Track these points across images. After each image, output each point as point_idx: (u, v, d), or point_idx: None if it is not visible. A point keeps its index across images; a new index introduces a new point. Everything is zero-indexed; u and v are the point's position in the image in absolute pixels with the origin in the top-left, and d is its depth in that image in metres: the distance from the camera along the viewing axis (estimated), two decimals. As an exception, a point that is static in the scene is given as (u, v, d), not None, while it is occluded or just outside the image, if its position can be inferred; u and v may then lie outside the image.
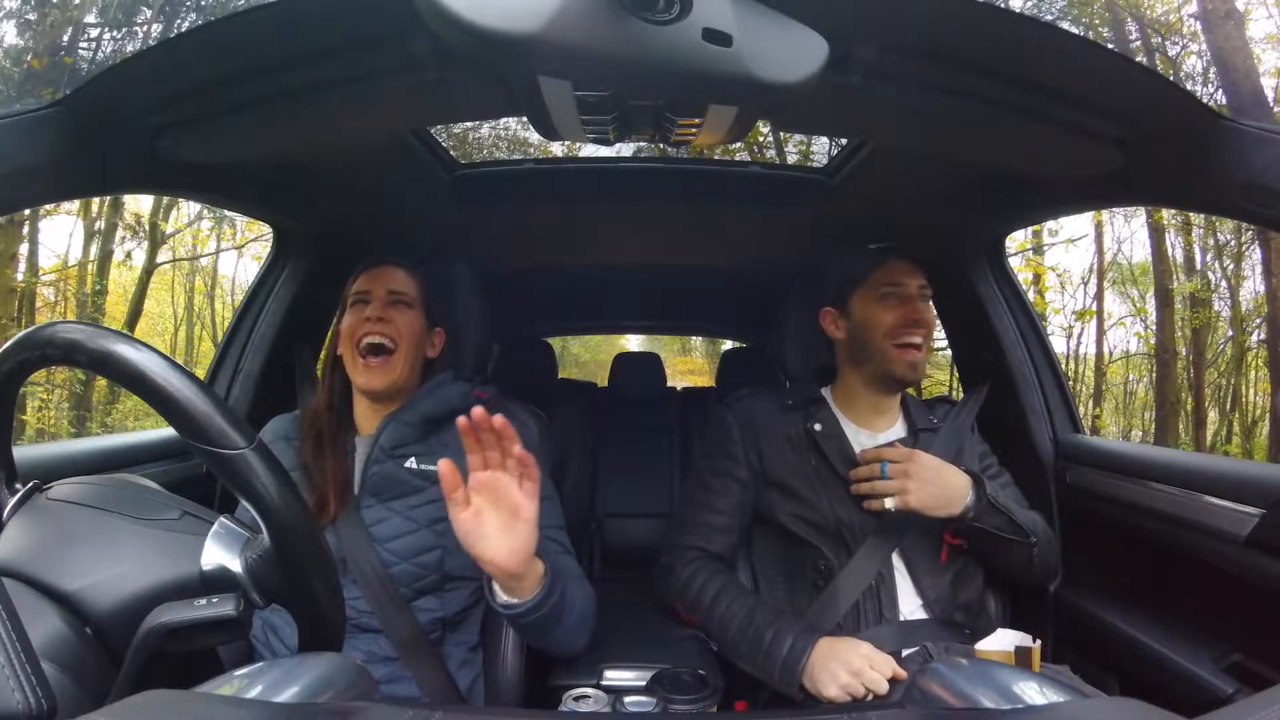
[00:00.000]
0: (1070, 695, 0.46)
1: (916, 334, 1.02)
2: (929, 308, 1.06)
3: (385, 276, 1.01)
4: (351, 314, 0.99)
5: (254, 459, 0.50)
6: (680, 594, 1.02)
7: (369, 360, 0.96)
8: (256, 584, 0.55)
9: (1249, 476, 0.92)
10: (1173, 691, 0.94)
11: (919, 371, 1.04)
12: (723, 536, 1.06)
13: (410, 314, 1.00)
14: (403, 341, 0.97)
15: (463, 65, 0.70)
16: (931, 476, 0.94)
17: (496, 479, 0.72)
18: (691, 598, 1.00)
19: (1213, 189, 0.77)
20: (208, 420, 0.49)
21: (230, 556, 0.55)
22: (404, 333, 0.97)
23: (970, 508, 0.94)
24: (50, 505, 0.57)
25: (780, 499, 1.04)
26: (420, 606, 0.93)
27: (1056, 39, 0.68)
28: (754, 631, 0.92)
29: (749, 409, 1.12)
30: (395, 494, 0.95)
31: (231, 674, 0.45)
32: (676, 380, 5.11)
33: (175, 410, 0.49)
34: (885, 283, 1.04)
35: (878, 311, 1.04)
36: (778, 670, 0.88)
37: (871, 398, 1.09)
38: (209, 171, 0.98)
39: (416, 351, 1.00)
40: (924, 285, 1.05)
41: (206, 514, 0.59)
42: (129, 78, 0.74)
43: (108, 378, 0.51)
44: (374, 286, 1.00)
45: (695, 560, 1.04)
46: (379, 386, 0.96)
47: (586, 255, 1.76)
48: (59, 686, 0.44)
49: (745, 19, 0.55)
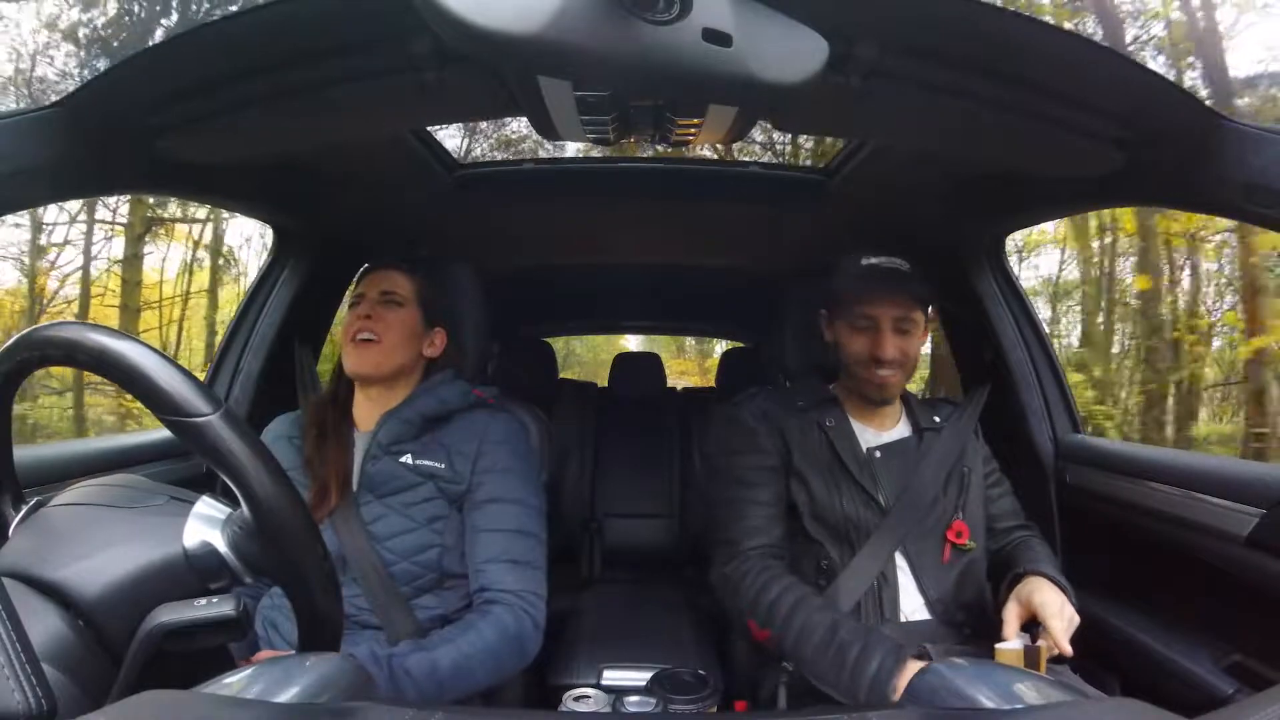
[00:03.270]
0: (1071, 696, 0.46)
1: (884, 368, 1.02)
2: (910, 338, 1.02)
3: (380, 279, 1.04)
4: (350, 313, 1.03)
5: (221, 425, 0.49)
6: (752, 608, 0.95)
7: (359, 344, 0.99)
8: (241, 558, 0.55)
9: (1249, 476, 0.92)
10: (1173, 691, 0.94)
11: (888, 392, 1.04)
12: (777, 527, 1.03)
13: (400, 311, 1.02)
14: (387, 334, 0.99)
15: (463, 65, 0.70)
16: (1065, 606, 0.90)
17: None
18: (765, 611, 0.94)
19: (1213, 189, 0.77)
20: (171, 388, 0.49)
21: (213, 533, 0.55)
22: (390, 325, 1.00)
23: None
24: (46, 512, 0.57)
25: (799, 489, 1.04)
26: (419, 605, 0.93)
27: (1057, 39, 0.68)
28: (837, 649, 0.85)
29: (763, 405, 1.12)
30: (392, 489, 0.95)
31: (231, 674, 0.44)
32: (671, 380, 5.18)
33: (139, 382, 0.49)
34: (860, 314, 1.03)
35: (849, 338, 1.05)
36: (864, 690, 0.82)
37: (865, 402, 1.09)
38: (209, 171, 0.98)
39: (403, 345, 1.01)
40: (902, 317, 1.02)
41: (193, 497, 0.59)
42: (129, 78, 0.74)
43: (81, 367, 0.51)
44: (368, 289, 1.03)
45: (762, 567, 0.99)
46: (363, 371, 0.99)
47: (587, 255, 1.76)
48: (59, 686, 0.44)
49: (745, 19, 0.55)
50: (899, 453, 1.06)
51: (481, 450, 0.99)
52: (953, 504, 1.03)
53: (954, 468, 1.05)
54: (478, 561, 0.93)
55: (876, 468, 1.03)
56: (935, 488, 1.03)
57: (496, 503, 0.96)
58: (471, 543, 0.95)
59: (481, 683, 0.86)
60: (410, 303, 1.03)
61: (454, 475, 0.97)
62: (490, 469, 0.98)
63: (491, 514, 0.96)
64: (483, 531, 0.95)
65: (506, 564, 0.93)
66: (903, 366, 1.03)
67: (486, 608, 0.90)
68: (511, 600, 0.91)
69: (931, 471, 1.04)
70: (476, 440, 0.99)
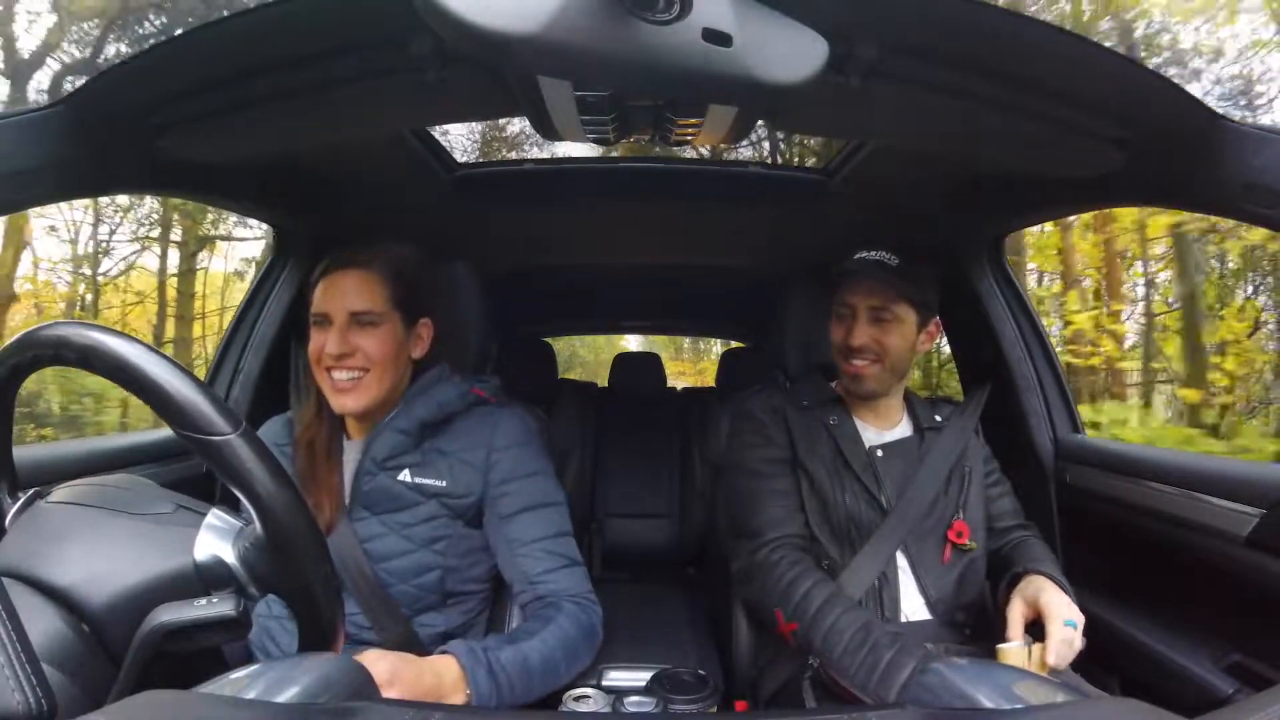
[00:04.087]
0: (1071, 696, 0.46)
1: (855, 356, 1.03)
2: (888, 328, 1.03)
3: (342, 290, 0.89)
4: (314, 335, 0.90)
5: (241, 445, 0.49)
6: (781, 600, 0.94)
7: (339, 383, 0.89)
8: (250, 574, 0.55)
9: (1249, 476, 0.92)
10: (1173, 691, 0.94)
11: (862, 386, 1.05)
12: (799, 516, 1.03)
13: (378, 331, 0.89)
14: (375, 365, 0.89)
15: (463, 65, 0.70)
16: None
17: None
18: (794, 605, 0.93)
19: (1213, 189, 0.77)
20: (193, 407, 0.49)
21: (224, 546, 0.55)
22: (375, 356, 0.89)
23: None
24: (47, 508, 0.57)
25: (804, 486, 1.04)
26: (421, 622, 0.91)
27: (1056, 39, 0.68)
28: (870, 650, 0.84)
29: (770, 401, 1.12)
30: (389, 508, 0.90)
31: (231, 674, 0.44)
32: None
33: (160, 398, 0.49)
34: (840, 302, 1.07)
35: (833, 329, 1.08)
36: (894, 693, 0.81)
37: (864, 400, 1.09)
38: (209, 171, 0.98)
39: (392, 364, 0.91)
40: (880, 307, 1.03)
41: (201, 507, 0.59)
42: (129, 78, 0.74)
43: (95, 372, 0.50)
44: (332, 309, 0.89)
45: (794, 560, 0.98)
46: (354, 409, 0.89)
47: (586, 255, 1.76)
48: (59, 686, 0.44)
49: (745, 19, 0.55)
50: (901, 452, 1.06)
51: (492, 458, 0.92)
52: (953, 504, 1.03)
53: (955, 467, 1.05)
54: (533, 575, 0.89)
55: (879, 467, 1.03)
56: (936, 487, 1.03)
57: (530, 511, 0.92)
58: (514, 556, 0.90)
59: (563, 678, 0.84)
60: (387, 313, 0.90)
61: (459, 489, 0.91)
62: (510, 477, 0.92)
63: (528, 523, 0.91)
64: (528, 544, 0.90)
65: (560, 569, 0.90)
66: (879, 359, 1.03)
67: (557, 606, 0.87)
68: (581, 600, 0.89)
69: (933, 471, 1.04)
70: (484, 448, 0.92)
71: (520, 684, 0.77)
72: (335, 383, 0.89)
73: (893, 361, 1.04)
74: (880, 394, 1.07)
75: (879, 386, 1.05)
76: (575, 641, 0.85)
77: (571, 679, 0.86)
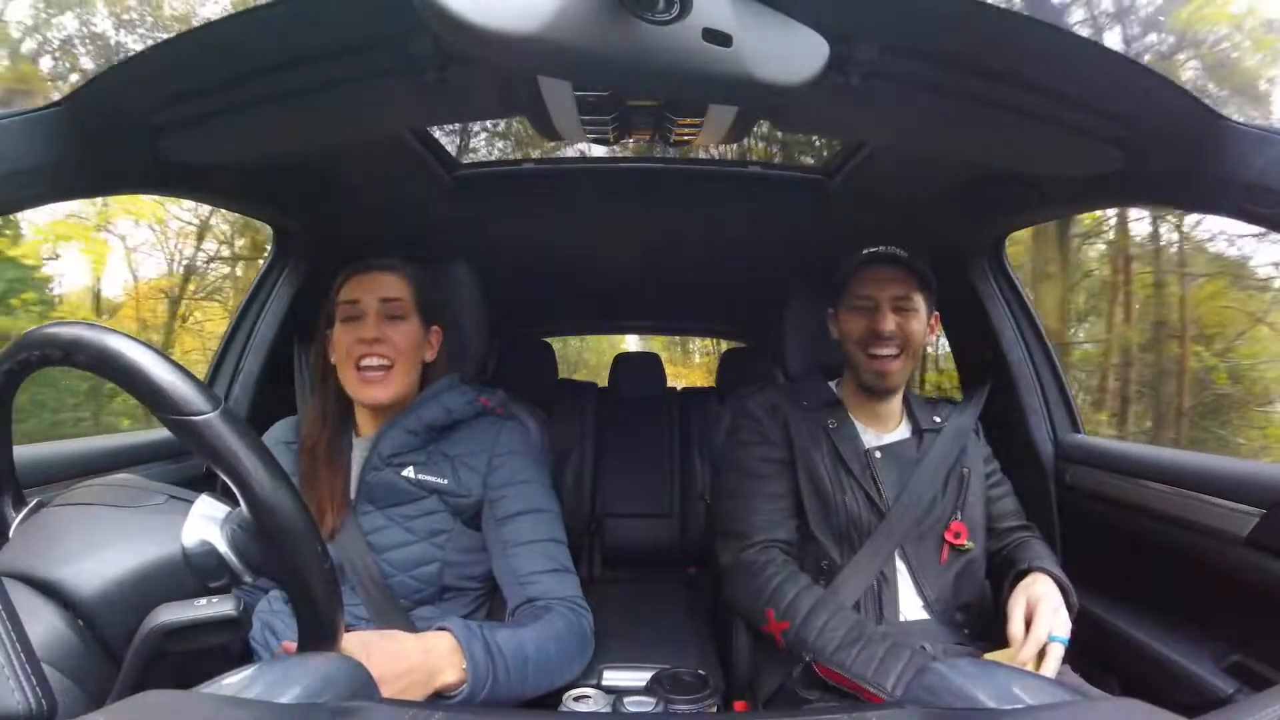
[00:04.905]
0: (1071, 696, 0.46)
1: (883, 346, 1.02)
2: (910, 317, 1.03)
3: (375, 283, 0.96)
4: (344, 329, 0.95)
5: (220, 423, 0.49)
6: (772, 600, 0.95)
7: (367, 374, 0.93)
8: (241, 556, 0.54)
9: (1249, 476, 0.92)
10: (1173, 691, 0.94)
11: (888, 381, 1.04)
12: (790, 521, 1.03)
13: (406, 325, 0.96)
14: (401, 357, 0.94)
15: (463, 65, 0.70)
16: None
17: None
18: (786, 605, 0.94)
19: (1213, 189, 0.77)
20: (170, 387, 0.48)
21: (213, 530, 0.55)
22: (402, 347, 0.94)
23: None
24: (47, 512, 0.57)
25: (804, 486, 1.04)
26: (418, 616, 0.92)
27: (1056, 39, 0.68)
28: (865, 645, 0.87)
29: (770, 400, 1.12)
30: (392, 502, 0.93)
31: (232, 674, 0.44)
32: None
33: (141, 382, 0.49)
34: (858, 294, 1.05)
35: (849, 321, 1.06)
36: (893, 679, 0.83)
37: (868, 400, 1.09)
38: (209, 171, 0.98)
39: (413, 361, 0.97)
40: (901, 295, 1.03)
41: (192, 496, 0.59)
42: (129, 78, 0.74)
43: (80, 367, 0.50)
44: (364, 296, 0.95)
45: (784, 561, 1.00)
46: (383, 400, 0.93)
47: (586, 255, 1.76)
48: (59, 686, 0.44)
49: (745, 19, 0.55)
50: (899, 454, 1.06)
51: (493, 464, 0.96)
52: (951, 504, 1.03)
53: (953, 468, 1.05)
54: (523, 574, 0.91)
55: (877, 469, 1.03)
56: (934, 488, 1.03)
57: (525, 515, 0.94)
58: (506, 556, 0.92)
59: (557, 672, 0.85)
60: (411, 311, 0.97)
61: (460, 489, 0.94)
62: (510, 481, 0.95)
63: (524, 527, 0.93)
64: (521, 545, 0.92)
65: (551, 573, 0.92)
66: (904, 349, 1.03)
67: (548, 608, 0.88)
68: (571, 604, 0.90)
69: (931, 472, 1.04)
70: (486, 453, 0.96)
71: (515, 668, 0.77)
72: (363, 374, 0.93)
73: (914, 350, 1.04)
74: (898, 387, 1.07)
75: (901, 379, 1.06)
76: (568, 640, 0.86)
77: (565, 681, 0.87)
